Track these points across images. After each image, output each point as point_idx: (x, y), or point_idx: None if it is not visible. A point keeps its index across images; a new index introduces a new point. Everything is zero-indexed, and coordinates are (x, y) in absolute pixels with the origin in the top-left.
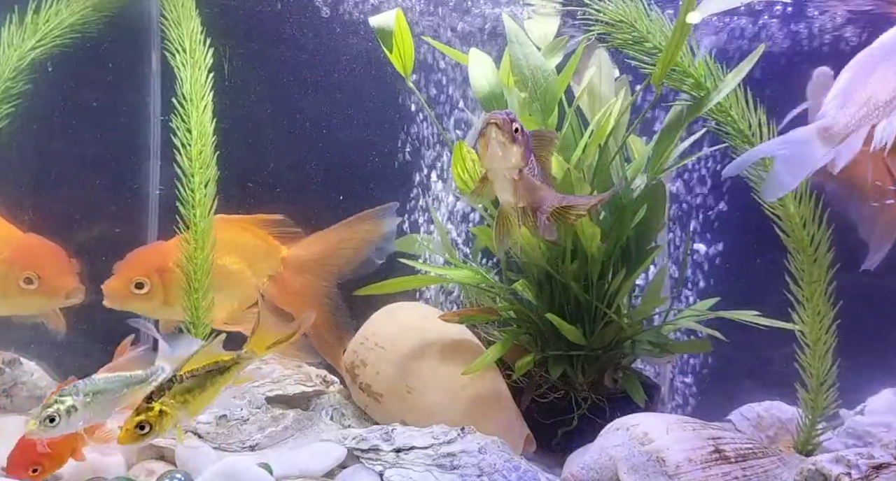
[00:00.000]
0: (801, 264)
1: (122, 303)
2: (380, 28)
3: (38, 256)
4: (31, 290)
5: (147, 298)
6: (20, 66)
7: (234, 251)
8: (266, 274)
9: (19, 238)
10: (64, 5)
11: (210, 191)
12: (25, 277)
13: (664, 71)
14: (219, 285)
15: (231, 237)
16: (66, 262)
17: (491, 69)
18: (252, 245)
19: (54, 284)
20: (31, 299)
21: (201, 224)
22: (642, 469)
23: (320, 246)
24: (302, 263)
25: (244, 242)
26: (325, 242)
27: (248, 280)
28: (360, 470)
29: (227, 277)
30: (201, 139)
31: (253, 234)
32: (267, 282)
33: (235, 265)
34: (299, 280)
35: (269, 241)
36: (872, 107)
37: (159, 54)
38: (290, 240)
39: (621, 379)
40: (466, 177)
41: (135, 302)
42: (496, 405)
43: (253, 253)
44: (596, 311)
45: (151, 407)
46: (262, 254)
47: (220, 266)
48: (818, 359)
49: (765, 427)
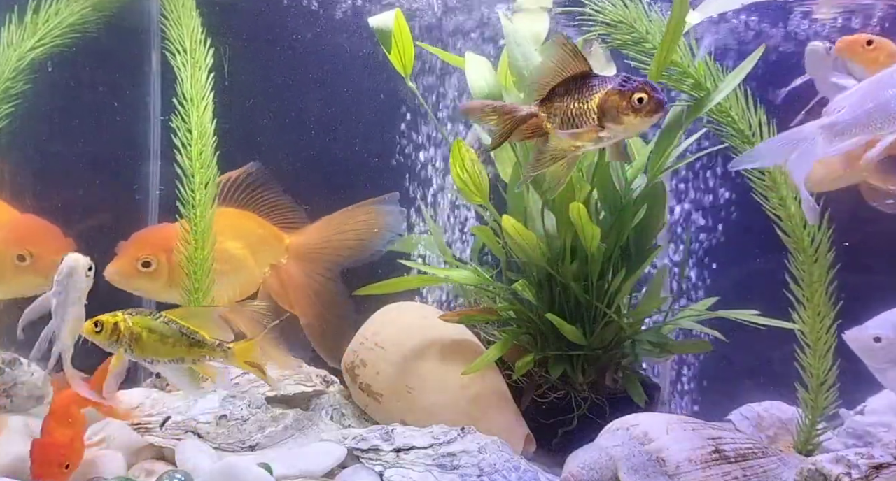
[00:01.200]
0: (801, 264)
1: (127, 283)
2: (379, 28)
3: (30, 234)
4: (24, 268)
5: (153, 277)
6: (20, 66)
7: (236, 236)
8: (269, 262)
9: (14, 217)
10: (64, 5)
11: (210, 191)
12: (18, 255)
13: (660, 70)
14: (220, 270)
15: (233, 222)
16: (61, 240)
17: (489, 70)
18: (255, 232)
19: (48, 262)
20: (26, 278)
21: (201, 224)
22: (642, 469)
23: (323, 234)
24: (305, 252)
25: (247, 228)
26: (327, 230)
27: (251, 266)
28: (360, 469)
29: (229, 262)
30: (201, 139)
31: (255, 222)
32: (269, 272)
33: (238, 250)
34: (302, 268)
35: (272, 229)
36: (878, 118)
37: (159, 54)
38: (293, 228)
39: (621, 379)
40: (465, 176)
41: (140, 281)
42: (496, 405)
43: (256, 240)
44: (596, 311)
45: (116, 314)
46: (265, 241)
47: (222, 250)
48: (818, 358)
49: (765, 427)
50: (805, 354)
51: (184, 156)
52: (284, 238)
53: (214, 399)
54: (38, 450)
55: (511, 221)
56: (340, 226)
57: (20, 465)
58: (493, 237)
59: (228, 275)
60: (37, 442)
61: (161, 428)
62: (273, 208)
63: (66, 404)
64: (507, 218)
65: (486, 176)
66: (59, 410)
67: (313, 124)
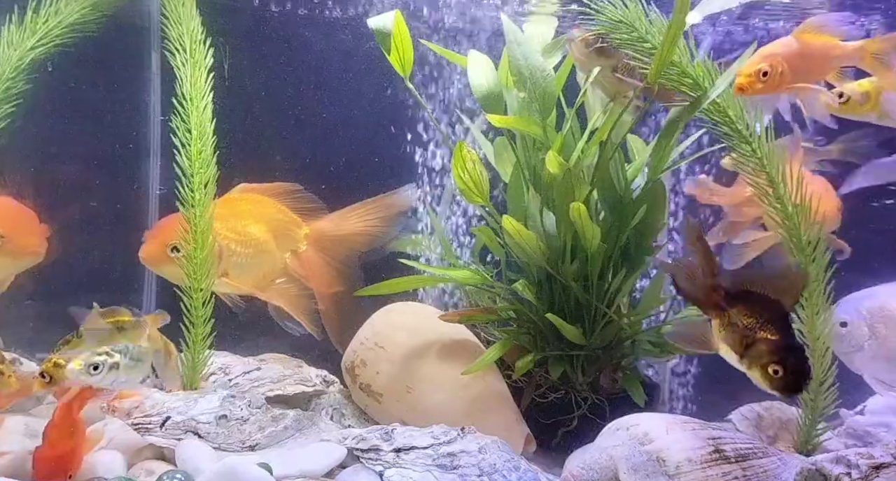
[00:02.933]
0: (800, 263)
1: (158, 267)
2: (378, 29)
3: (2, 216)
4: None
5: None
6: (20, 65)
7: (258, 220)
8: (289, 249)
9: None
10: (64, 4)
11: (210, 191)
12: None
13: (659, 69)
14: (244, 253)
15: (254, 208)
16: (34, 223)
17: (490, 70)
18: (275, 217)
19: (19, 243)
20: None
21: (201, 223)
22: (642, 469)
23: (341, 223)
24: (323, 239)
25: (268, 213)
26: (345, 220)
27: (273, 250)
28: (360, 470)
29: (252, 245)
30: (201, 139)
31: (276, 209)
32: (290, 257)
33: (261, 234)
34: (320, 256)
35: (291, 216)
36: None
37: (159, 54)
38: (311, 216)
39: (621, 379)
40: (467, 177)
41: (170, 265)
42: (496, 405)
43: (276, 225)
44: (596, 311)
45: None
46: (285, 227)
47: (244, 233)
48: (818, 358)
49: (765, 427)
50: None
51: (183, 156)
52: (303, 226)
53: (214, 399)
54: (41, 461)
55: (511, 221)
56: (359, 216)
57: (20, 465)
58: (493, 237)
59: (252, 258)
60: (39, 452)
61: (161, 429)
62: (291, 196)
63: (68, 413)
64: (507, 218)
65: (486, 177)
66: (61, 420)
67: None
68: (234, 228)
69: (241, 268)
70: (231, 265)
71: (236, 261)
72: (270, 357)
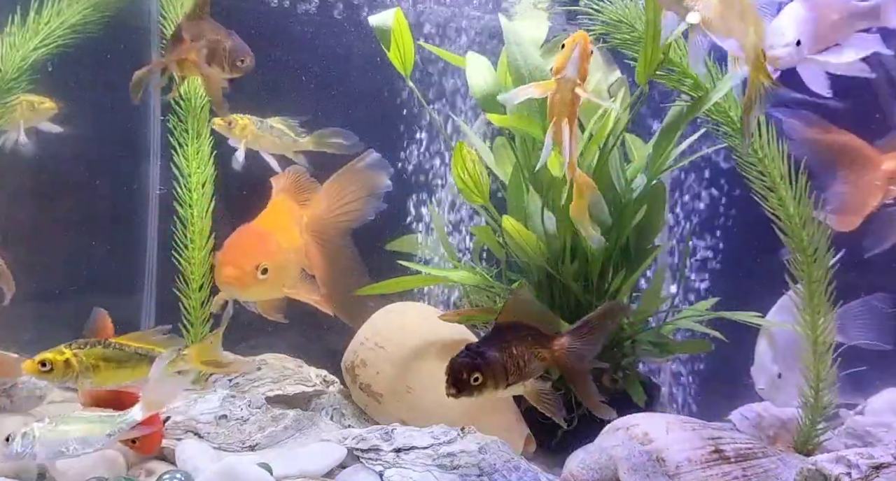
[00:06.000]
0: (800, 264)
1: (246, 291)
2: (379, 27)
3: None
4: None
5: (268, 282)
6: (23, 66)
7: (294, 224)
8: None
9: None
10: (66, 5)
11: (207, 191)
12: None
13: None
14: (287, 263)
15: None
16: None
17: (489, 70)
18: (294, 216)
19: None
20: None
21: (199, 224)
22: (642, 469)
23: (326, 203)
24: (316, 223)
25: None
26: (328, 199)
27: (298, 243)
28: (360, 470)
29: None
30: (198, 138)
31: (289, 206)
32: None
33: (298, 239)
34: (317, 241)
35: (297, 209)
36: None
37: (159, 54)
38: (306, 203)
39: (621, 379)
40: (467, 177)
41: (259, 287)
42: (496, 405)
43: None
44: None
45: (63, 351)
46: (297, 222)
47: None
48: (818, 358)
49: (765, 427)
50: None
51: (180, 156)
52: (303, 216)
53: (214, 399)
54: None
55: (511, 221)
56: (339, 191)
57: (20, 465)
58: (493, 237)
59: (295, 265)
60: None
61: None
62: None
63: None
64: (507, 218)
65: (486, 177)
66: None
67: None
68: (290, 240)
69: (290, 275)
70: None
71: (294, 272)
72: (270, 357)
